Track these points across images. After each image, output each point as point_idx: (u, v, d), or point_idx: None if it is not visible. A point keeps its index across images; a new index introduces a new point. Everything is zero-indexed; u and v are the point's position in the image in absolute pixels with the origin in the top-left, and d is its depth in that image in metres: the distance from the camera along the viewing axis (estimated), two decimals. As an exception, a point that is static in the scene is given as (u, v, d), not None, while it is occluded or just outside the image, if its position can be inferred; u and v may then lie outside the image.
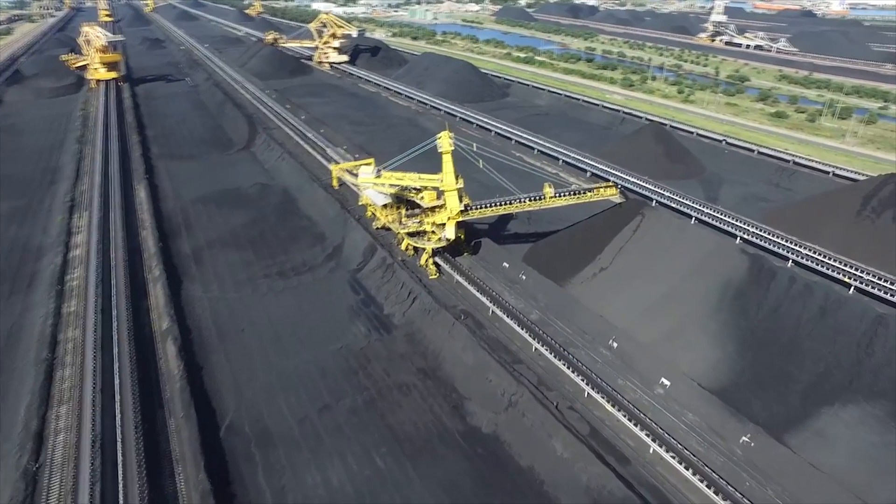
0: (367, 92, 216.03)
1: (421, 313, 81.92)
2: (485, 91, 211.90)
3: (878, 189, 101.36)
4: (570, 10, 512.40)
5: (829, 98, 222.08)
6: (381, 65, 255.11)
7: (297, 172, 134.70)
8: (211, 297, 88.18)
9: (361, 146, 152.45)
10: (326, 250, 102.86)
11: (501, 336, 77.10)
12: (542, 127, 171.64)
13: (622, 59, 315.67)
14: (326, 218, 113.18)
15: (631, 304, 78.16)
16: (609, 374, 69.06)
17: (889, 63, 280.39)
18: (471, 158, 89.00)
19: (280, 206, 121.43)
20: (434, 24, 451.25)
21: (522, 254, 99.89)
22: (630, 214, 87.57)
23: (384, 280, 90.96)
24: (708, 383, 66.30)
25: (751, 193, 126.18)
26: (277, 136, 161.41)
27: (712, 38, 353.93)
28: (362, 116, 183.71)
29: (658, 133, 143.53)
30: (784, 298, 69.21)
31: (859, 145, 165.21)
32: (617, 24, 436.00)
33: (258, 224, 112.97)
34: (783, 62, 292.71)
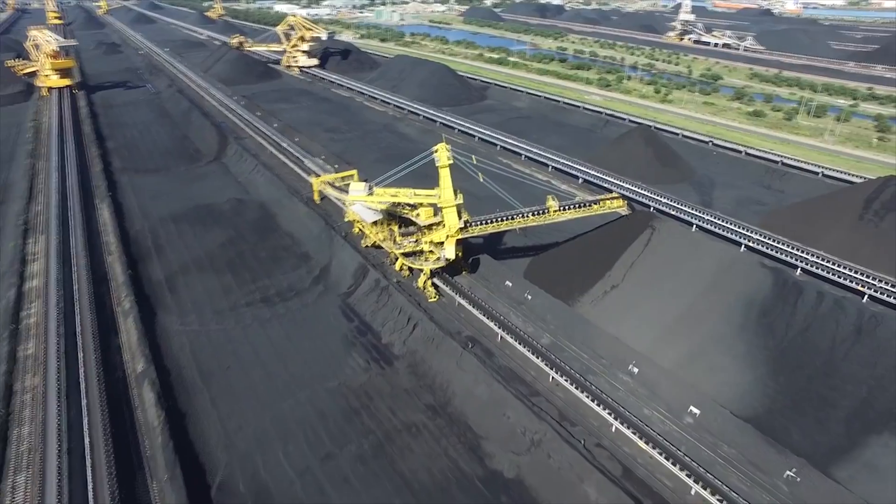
0: (341, 97, 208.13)
1: (423, 342, 75.72)
2: (462, 94, 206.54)
3: (879, 192, 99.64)
4: (538, 9, 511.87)
5: (800, 96, 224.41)
6: (353, 68, 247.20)
7: (275, 185, 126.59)
8: (190, 331, 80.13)
9: (339, 155, 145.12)
10: (313, 272, 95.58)
11: (514, 365, 71.55)
12: (525, 130, 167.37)
13: (594, 58, 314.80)
14: (310, 235, 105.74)
15: (647, 324, 73.62)
16: (633, 403, 64.30)
17: (851, 61, 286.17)
18: (470, 171, 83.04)
19: (258, 223, 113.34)
20: (401, 26, 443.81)
21: (522, 269, 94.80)
22: (639, 227, 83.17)
23: (379, 304, 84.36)
24: (740, 410, 62.13)
25: (744, 196, 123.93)
26: (250, 145, 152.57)
27: (681, 37, 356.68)
28: (337, 123, 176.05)
29: (647, 136, 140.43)
30: (814, 316, 65.62)
31: (838, 144, 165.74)
32: (585, 24, 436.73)
33: (236, 244, 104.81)
34: (752, 60, 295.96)
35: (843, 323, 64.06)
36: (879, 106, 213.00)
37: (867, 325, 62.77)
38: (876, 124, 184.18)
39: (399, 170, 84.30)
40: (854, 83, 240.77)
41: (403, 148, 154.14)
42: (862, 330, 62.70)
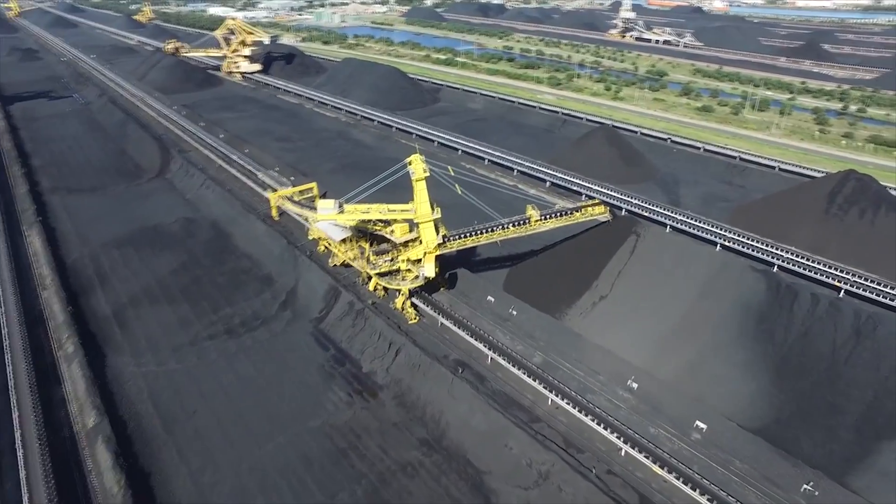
0: (288, 103, 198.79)
1: (408, 369, 70.53)
2: (415, 97, 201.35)
3: (841, 186, 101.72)
4: (480, 8, 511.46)
5: (742, 90, 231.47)
6: (298, 73, 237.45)
7: (227, 202, 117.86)
8: (147, 372, 71.89)
9: (294, 165, 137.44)
10: (278, 297, 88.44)
11: (509, 389, 67.45)
12: (483, 133, 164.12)
13: (541, 57, 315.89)
14: (271, 256, 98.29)
15: (642, 335, 71.17)
16: (638, 422, 61.41)
17: (782, 56, 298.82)
18: (446, 183, 78.26)
19: (212, 244, 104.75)
20: (343, 28, 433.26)
21: (501, 281, 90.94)
22: (623, 234, 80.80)
23: (356, 329, 78.47)
24: (747, 422, 60.32)
25: (709, 193, 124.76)
26: (196, 159, 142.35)
27: (622, 35, 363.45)
28: (287, 131, 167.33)
29: (609, 136, 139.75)
30: (812, 320, 64.76)
31: (784, 137, 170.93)
32: (528, 22, 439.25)
33: (190, 269, 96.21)
34: (692, 56, 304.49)
35: (840, 325, 63.42)
36: (814, 99, 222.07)
37: (865, 327, 62.30)
38: (815, 117, 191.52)
39: (370, 185, 78.64)
40: (788, 77, 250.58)
41: (360, 155, 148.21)
42: (861, 332, 62.17)
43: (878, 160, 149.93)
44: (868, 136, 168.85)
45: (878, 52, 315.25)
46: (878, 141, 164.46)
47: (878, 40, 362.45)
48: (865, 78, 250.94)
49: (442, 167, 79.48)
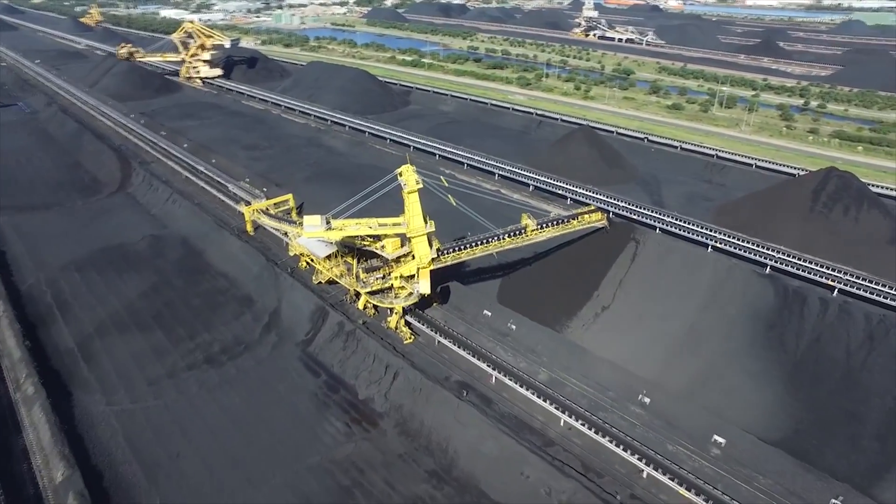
0: (254, 109, 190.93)
1: (409, 393, 66.34)
2: (385, 100, 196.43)
3: (824, 184, 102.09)
4: (441, 9, 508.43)
5: (708, 88, 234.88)
6: (262, 77, 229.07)
7: (197, 217, 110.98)
8: (120, 411, 65.67)
9: (265, 175, 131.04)
10: (260, 319, 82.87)
11: (518, 410, 64.05)
12: (458, 136, 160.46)
13: (507, 56, 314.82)
14: (249, 274, 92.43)
15: (649, 346, 68.86)
16: (655, 440, 58.89)
17: (741, 53, 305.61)
18: (440, 194, 74.31)
19: (184, 263, 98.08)
20: (303, 29, 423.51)
21: (494, 292, 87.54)
22: (622, 241, 78.48)
23: (347, 352, 73.79)
24: (766, 434, 58.50)
25: (691, 192, 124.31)
26: (159, 171, 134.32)
27: (586, 33, 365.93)
28: (255, 139, 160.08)
29: (590, 137, 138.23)
30: (822, 325, 63.56)
31: (753, 133, 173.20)
32: (491, 22, 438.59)
33: (161, 291, 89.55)
34: (656, 54, 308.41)
35: (853, 330, 62.41)
36: (776, 96, 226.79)
37: (877, 331, 61.43)
38: (780, 113, 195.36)
39: (358, 198, 74.17)
40: (750, 75, 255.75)
41: (334, 163, 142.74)
42: (874, 336, 61.25)
43: (845, 155, 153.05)
44: (832, 132, 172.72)
45: (829, 49, 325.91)
46: (843, 136, 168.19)
47: (825, 38, 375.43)
48: (821, 74, 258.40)
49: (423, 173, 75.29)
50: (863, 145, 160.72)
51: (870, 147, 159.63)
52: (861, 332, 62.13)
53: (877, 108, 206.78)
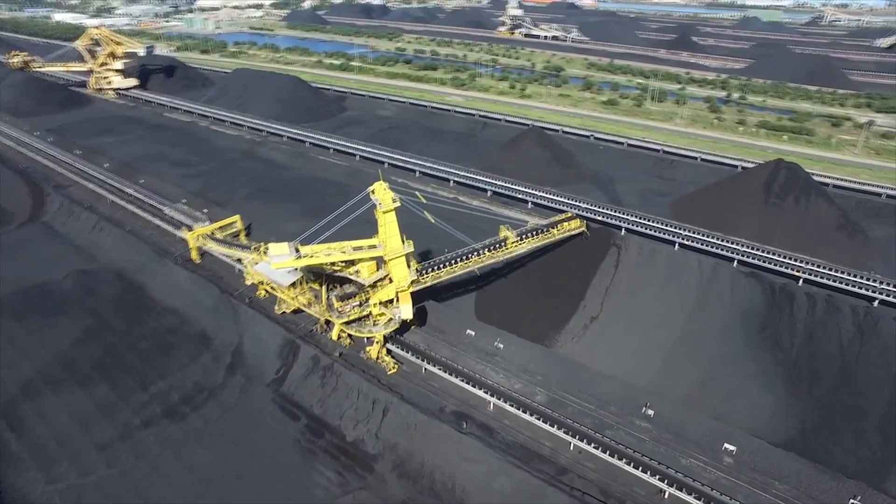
0: (179, 122, 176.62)
1: (402, 431, 61.14)
2: (321, 107, 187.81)
3: (774, 176, 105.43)
4: (362, 10, 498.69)
5: (637, 83, 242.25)
6: (182, 87, 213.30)
7: (131, 246, 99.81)
8: (66, 489, 56.38)
9: (202, 194, 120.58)
10: (222, 359, 74.66)
11: (523, 438, 60.36)
12: (402, 141, 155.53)
13: (436, 57, 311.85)
14: (201, 309, 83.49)
15: (644, 355, 67.24)
16: (667, 455, 57.05)
17: (662, 48, 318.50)
18: (416, 211, 69.30)
19: (121, 300, 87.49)
20: (219, 34, 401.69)
21: (471, 308, 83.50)
22: (603, 247, 76.68)
23: (327, 390, 67.47)
24: (774, 436, 58.08)
25: (645, 189, 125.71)
26: (79, 195, 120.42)
27: (511, 31, 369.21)
28: (185, 154, 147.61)
29: (540, 137, 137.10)
30: (813, 322, 64.13)
31: (687, 126, 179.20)
32: (415, 22, 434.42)
33: (99, 336, 79.08)
34: (582, 51, 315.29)
35: (843, 325, 63.31)
36: (700, 88, 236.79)
37: (866, 324, 62.59)
38: (708, 106, 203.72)
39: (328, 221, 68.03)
40: (674, 69, 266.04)
41: (276, 177, 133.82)
42: (863, 329, 62.34)
43: (773, 144, 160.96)
44: (758, 122, 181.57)
45: (736, 43, 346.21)
46: (768, 126, 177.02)
47: (730, 33, 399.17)
48: (735, 67, 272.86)
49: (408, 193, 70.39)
50: (787, 134, 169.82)
51: (793, 136, 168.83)
52: (850, 326, 63.27)
53: (789, 99, 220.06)
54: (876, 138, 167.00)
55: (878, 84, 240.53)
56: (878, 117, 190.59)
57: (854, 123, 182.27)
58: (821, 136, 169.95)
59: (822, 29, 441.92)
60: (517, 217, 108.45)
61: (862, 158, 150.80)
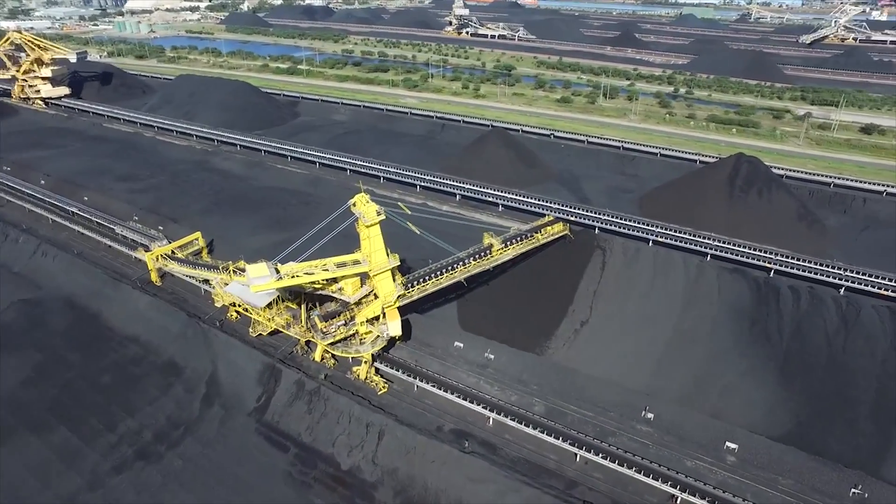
0: (121, 133, 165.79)
1: (401, 454, 58.30)
2: (273, 113, 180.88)
3: (737, 169, 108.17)
4: (305, 11, 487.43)
5: (588, 80, 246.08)
6: (120, 95, 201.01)
7: (81, 270, 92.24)
8: (34, 550, 50.59)
9: (154, 210, 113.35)
10: (195, 389, 69.48)
11: (526, 453, 58.59)
12: (361, 146, 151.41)
13: (385, 58, 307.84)
14: (167, 335, 77.68)
15: (638, 357, 66.90)
16: (672, 458, 56.67)
17: (608, 45, 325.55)
18: (400, 222, 66.44)
19: (74, 331, 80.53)
20: (154, 38, 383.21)
21: (454, 318, 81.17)
22: (586, 250, 76.04)
23: (315, 416, 63.72)
24: (771, 430, 58.75)
25: (610, 186, 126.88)
26: (14, 216, 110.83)
27: (458, 31, 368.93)
28: (131, 167, 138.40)
29: (504, 138, 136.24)
30: (799, 315, 65.36)
31: (641, 122, 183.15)
32: (360, 24, 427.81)
33: (52, 373, 72.28)
34: (530, 49, 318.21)
35: (827, 316, 64.78)
36: (648, 84, 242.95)
37: (848, 314, 64.23)
38: (658, 101, 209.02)
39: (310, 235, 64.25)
40: (622, 65, 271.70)
41: (233, 189, 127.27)
42: (847, 319, 63.95)
43: (724, 137, 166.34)
44: (707, 116, 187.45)
45: (676, 39, 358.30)
46: (717, 120, 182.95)
47: (669, 29, 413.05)
48: (679, 63, 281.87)
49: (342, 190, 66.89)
50: (735, 128, 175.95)
51: (741, 129, 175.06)
52: (834, 317, 64.88)
53: (732, 93, 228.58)
54: (814, 129, 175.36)
55: (808, 78, 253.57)
56: (812, 109, 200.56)
57: (793, 116, 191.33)
58: (766, 128, 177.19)
59: (750, 26, 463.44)
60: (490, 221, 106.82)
61: (805, 149, 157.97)
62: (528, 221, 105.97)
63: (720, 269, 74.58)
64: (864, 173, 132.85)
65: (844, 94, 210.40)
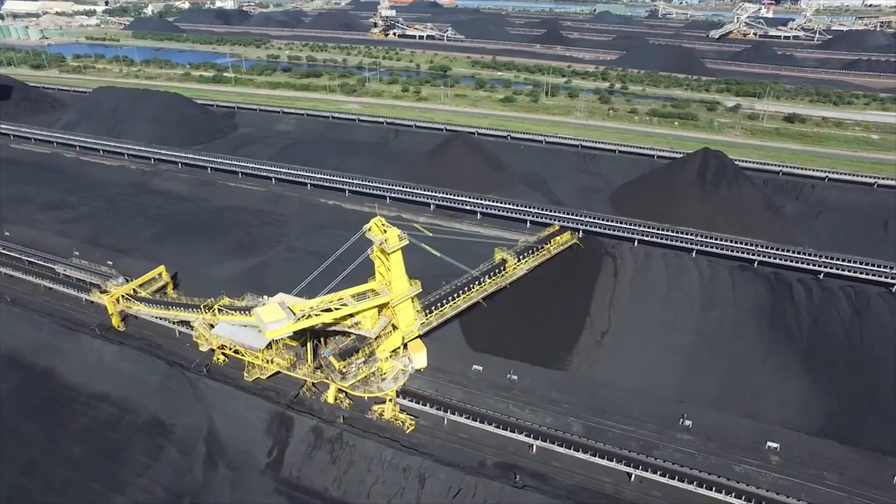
0: (36, 154, 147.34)
1: (448, 498, 53.47)
2: (210, 126, 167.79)
3: (705, 164, 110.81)
4: (218, 15, 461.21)
5: (525, 78, 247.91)
6: (25, 111, 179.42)
7: (21, 320, 79.53)
8: None
9: (95, 242, 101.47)
10: (193, 450, 60.98)
11: (579, 478, 55.37)
12: (314, 157, 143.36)
13: (314, 63, 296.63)
14: (145, 389, 68.03)
15: (665, 364, 65.59)
16: (720, 466, 55.67)
17: (537, 43, 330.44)
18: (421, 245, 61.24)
19: (25, 395, 68.99)
20: (48, 46, 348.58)
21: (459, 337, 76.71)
22: (596, 258, 73.94)
23: (341, 466, 57.51)
24: (808, 426, 59.13)
25: (579, 186, 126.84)
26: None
27: (385, 33, 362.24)
28: (56, 194, 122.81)
29: (469, 143, 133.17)
30: (816, 309, 66.38)
31: (587, 119, 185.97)
32: (280, 27, 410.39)
33: (6, 451, 61.24)
34: (460, 49, 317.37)
35: (840, 307, 66.21)
36: (583, 81, 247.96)
37: (860, 305, 65.88)
38: (598, 97, 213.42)
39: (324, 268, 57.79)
40: (555, 62, 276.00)
41: (184, 212, 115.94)
42: (859, 310, 65.54)
43: (668, 131, 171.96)
44: (648, 111, 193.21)
45: (599, 36, 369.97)
46: (658, 114, 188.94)
47: (589, 26, 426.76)
48: (608, 59, 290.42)
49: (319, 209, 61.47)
50: (677, 121, 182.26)
51: (682, 122, 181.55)
52: (847, 308, 66.55)
53: (663, 87, 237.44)
54: (745, 119, 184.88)
55: (727, 71, 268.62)
56: (738, 100, 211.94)
57: (724, 107, 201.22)
58: (703, 120, 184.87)
59: (660, 21, 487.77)
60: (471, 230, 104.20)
61: (743, 139, 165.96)
62: (508, 228, 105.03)
63: (732, 268, 75.05)
64: (800, 160, 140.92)
65: (769, 85, 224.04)
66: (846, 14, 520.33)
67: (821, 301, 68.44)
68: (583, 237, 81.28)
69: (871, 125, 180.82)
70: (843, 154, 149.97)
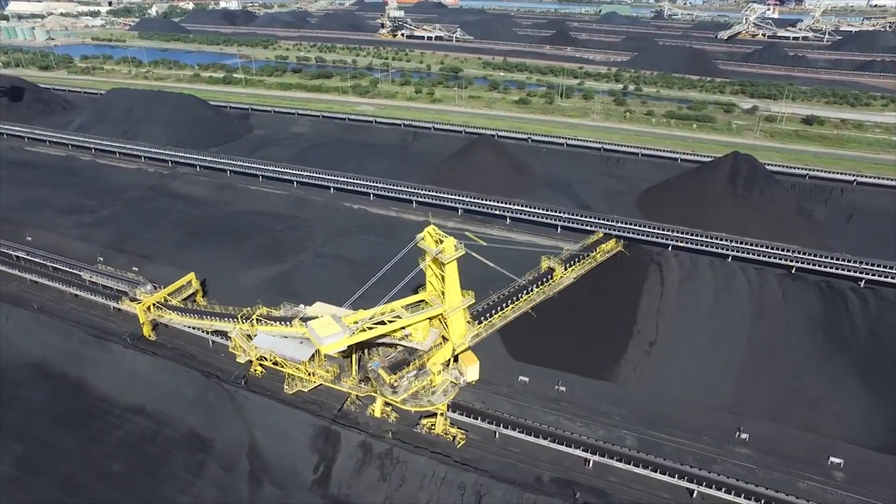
0: (51, 157, 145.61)
1: (507, 516, 51.72)
2: (225, 128, 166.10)
3: (736, 168, 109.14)
4: (224, 16, 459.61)
5: (538, 80, 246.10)
6: (37, 112, 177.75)
7: (49, 328, 77.64)
8: None
9: (118, 247, 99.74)
10: (235, 466, 59.13)
11: (637, 494, 53.54)
12: (332, 160, 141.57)
13: (323, 63, 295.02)
14: (182, 401, 66.19)
15: (716, 375, 63.88)
16: (783, 482, 53.83)
17: (546, 44, 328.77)
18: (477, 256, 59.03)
19: (56, 406, 67.12)
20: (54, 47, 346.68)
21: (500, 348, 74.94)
22: (641, 266, 72.18)
23: (393, 483, 55.71)
24: (872, 440, 57.35)
25: (603, 189, 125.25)
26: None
27: (393, 34, 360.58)
28: (75, 198, 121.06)
29: (494, 146, 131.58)
30: (871, 318, 64.70)
31: (604, 120, 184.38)
32: (287, 28, 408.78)
33: (43, 465, 59.54)
34: (470, 50, 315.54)
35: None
36: (596, 82, 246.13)
37: (919, 314, 64.15)
38: (614, 99, 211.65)
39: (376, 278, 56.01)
40: (567, 64, 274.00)
41: (205, 216, 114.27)
42: (918, 319, 63.82)
43: (687, 133, 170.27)
44: (665, 113, 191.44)
45: (608, 37, 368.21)
46: (674, 116, 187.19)
47: (596, 27, 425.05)
48: (620, 60, 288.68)
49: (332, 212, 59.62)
50: (694, 123, 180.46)
51: (700, 124, 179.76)
52: (906, 318, 64.84)
53: (677, 88, 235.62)
54: (762, 122, 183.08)
55: (740, 72, 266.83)
56: (753, 102, 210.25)
57: (741, 109, 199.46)
58: (721, 122, 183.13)
59: (667, 22, 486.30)
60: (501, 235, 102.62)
61: (763, 142, 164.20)
62: (538, 233, 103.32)
63: (781, 276, 73.32)
64: (823, 163, 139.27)
65: (786, 87, 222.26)
66: (852, 14, 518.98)
67: (877, 311, 66.75)
68: (626, 244, 79.36)
69: (891, 127, 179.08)
70: (867, 157, 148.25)
